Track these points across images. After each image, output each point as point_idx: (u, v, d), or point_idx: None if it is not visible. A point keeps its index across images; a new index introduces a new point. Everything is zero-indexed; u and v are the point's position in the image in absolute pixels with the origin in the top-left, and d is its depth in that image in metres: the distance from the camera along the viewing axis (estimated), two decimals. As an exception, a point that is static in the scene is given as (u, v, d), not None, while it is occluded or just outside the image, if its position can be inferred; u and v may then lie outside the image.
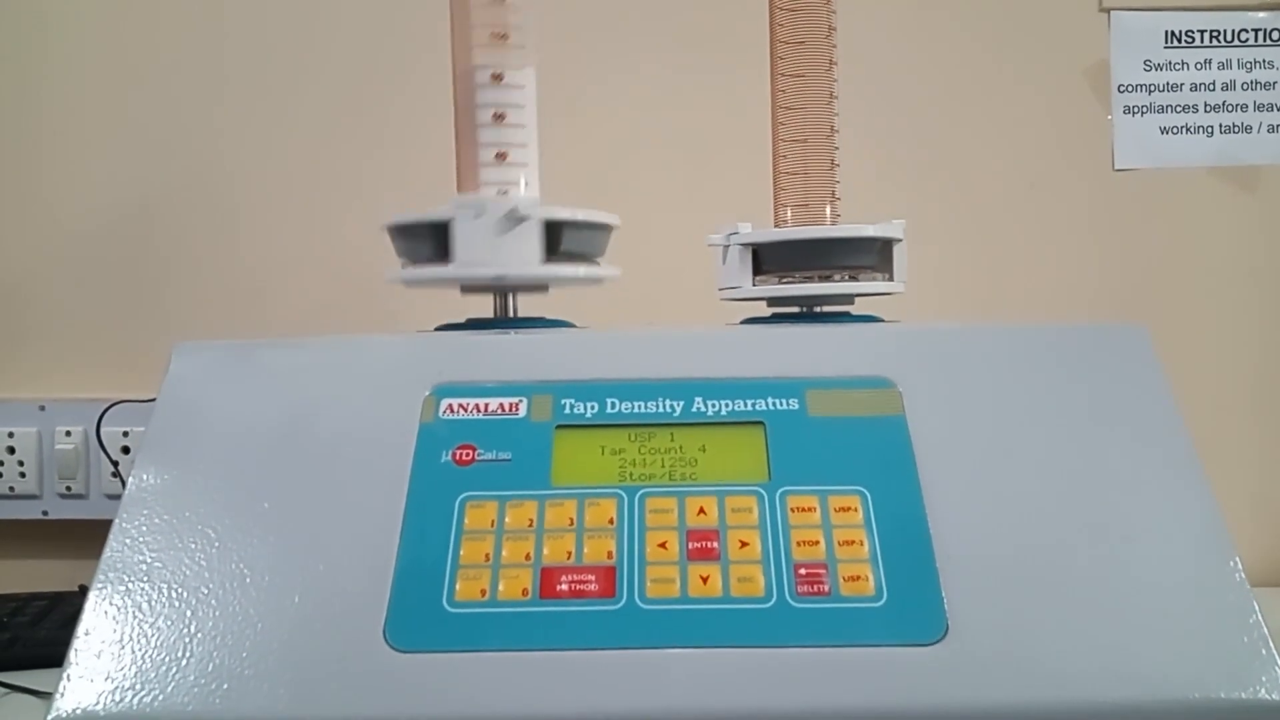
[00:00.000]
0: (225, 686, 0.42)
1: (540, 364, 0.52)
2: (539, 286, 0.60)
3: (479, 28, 0.58)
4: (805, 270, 0.60)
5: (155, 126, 0.91)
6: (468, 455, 0.48)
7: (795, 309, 0.62)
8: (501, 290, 0.59)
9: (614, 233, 0.59)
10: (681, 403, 0.50)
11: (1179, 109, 0.91)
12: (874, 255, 0.60)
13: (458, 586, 0.44)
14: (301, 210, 0.91)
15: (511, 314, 0.60)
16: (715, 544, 0.45)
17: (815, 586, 0.44)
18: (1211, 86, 0.91)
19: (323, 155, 0.91)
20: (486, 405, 0.50)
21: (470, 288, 0.59)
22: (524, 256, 0.55)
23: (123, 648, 0.43)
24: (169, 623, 0.44)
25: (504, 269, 0.55)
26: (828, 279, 0.60)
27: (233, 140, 0.91)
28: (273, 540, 0.46)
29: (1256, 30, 0.90)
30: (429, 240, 0.55)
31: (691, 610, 0.43)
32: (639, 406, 0.50)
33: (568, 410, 0.50)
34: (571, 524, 0.46)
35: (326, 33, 0.91)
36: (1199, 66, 0.91)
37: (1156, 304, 0.90)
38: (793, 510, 0.46)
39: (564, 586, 0.44)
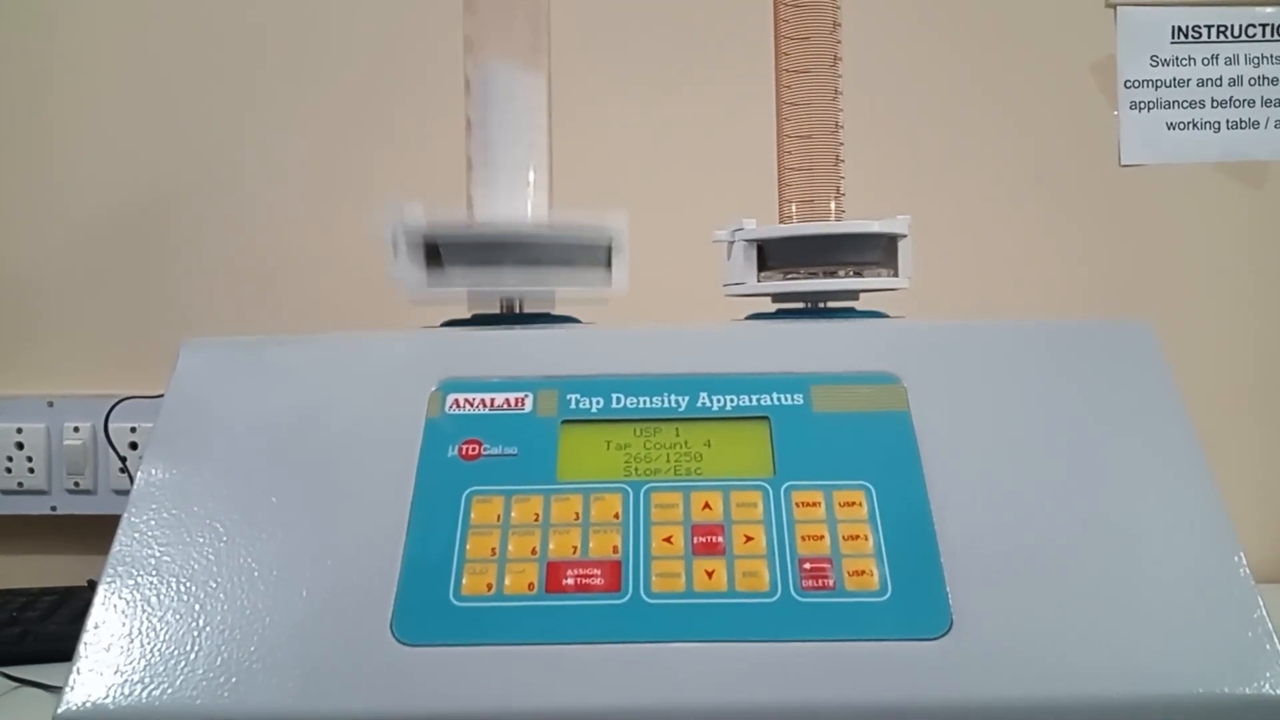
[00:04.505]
0: (233, 680, 0.42)
1: (546, 359, 0.52)
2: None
3: (492, 31, 0.59)
4: (810, 266, 0.60)
5: (164, 123, 0.92)
6: (474, 450, 0.48)
7: (800, 305, 0.63)
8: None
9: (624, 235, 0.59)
10: (687, 398, 0.50)
11: (1185, 105, 0.90)
12: (879, 251, 0.60)
13: (464, 581, 0.44)
14: (310, 207, 0.91)
15: (517, 310, 0.60)
16: (720, 539, 0.45)
17: (820, 581, 0.44)
18: (1218, 82, 0.90)
19: (331, 152, 0.91)
20: (492, 400, 0.50)
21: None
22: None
23: (131, 642, 0.43)
24: (177, 617, 0.44)
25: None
26: (832, 275, 0.60)
27: (242, 137, 0.92)
28: (280, 535, 0.46)
29: (1264, 25, 0.90)
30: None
31: (697, 605, 0.43)
32: (644, 402, 0.50)
33: (573, 405, 0.50)
34: (577, 519, 0.46)
35: (338, 30, 0.91)
36: (1206, 62, 0.90)
37: (1162, 300, 0.90)
38: (798, 505, 0.46)
39: (570, 581, 0.44)
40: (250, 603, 0.44)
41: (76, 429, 0.89)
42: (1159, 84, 0.90)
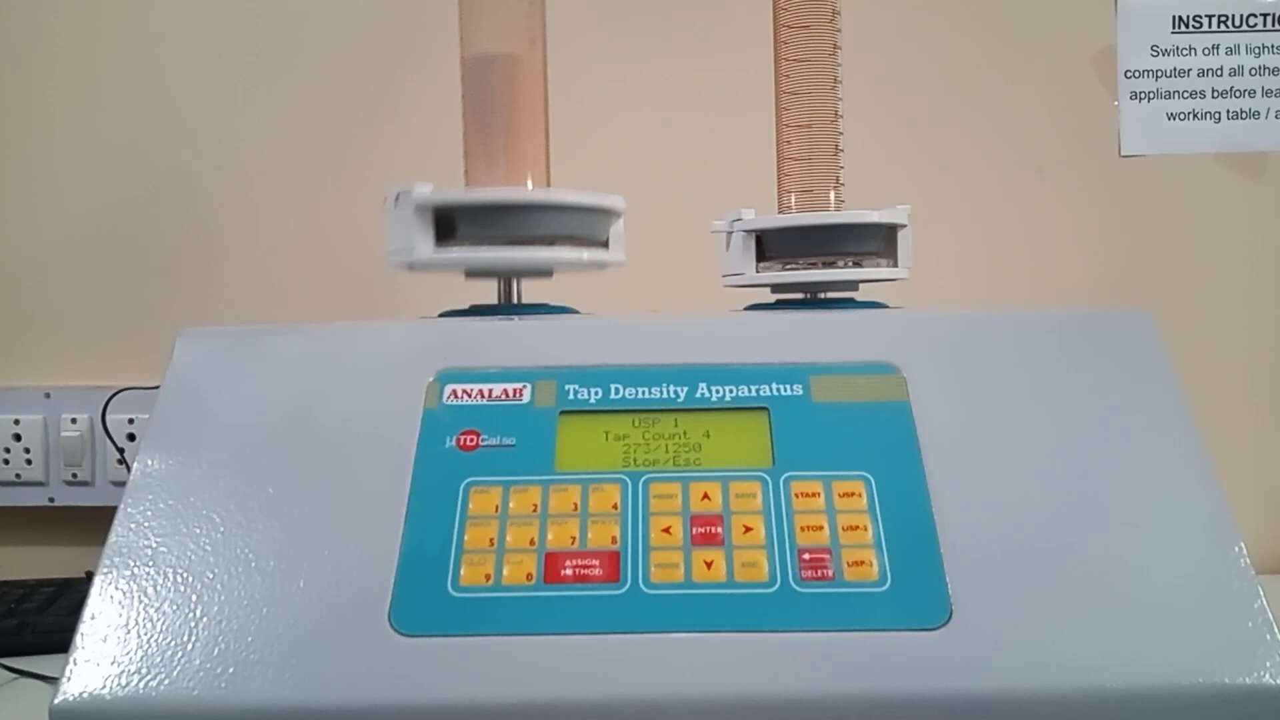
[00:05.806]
0: (230, 671, 0.42)
1: (544, 350, 0.52)
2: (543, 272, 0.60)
3: (486, 14, 0.58)
4: (809, 256, 0.60)
5: (161, 114, 0.91)
6: (472, 441, 0.48)
7: (799, 295, 0.62)
8: (506, 276, 0.59)
9: (620, 219, 0.59)
10: (685, 388, 0.50)
11: (1186, 95, 0.90)
12: (878, 241, 0.60)
13: (462, 571, 0.44)
14: (307, 198, 0.91)
15: (515, 300, 0.60)
16: (719, 529, 0.45)
17: (819, 571, 0.44)
18: (1219, 72, 0.90)
19: (328, 143, 0.91)
20: (490, 391, 0.50)
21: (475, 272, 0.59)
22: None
23: (128, 633, 0.43)
24: (174, 608, 0.44)
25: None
26: (832, 265, 0.60)
27: (239, 128, 0.91)
28: (278, 526, 0.46)
29: (1265, 15, 0.90)
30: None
31: (695, 595, 0.43)
32: (643, 392, 0.50)
33: (572, 396, 0.50)
34: (575, 509, 0.46)
35: (336, 20, 0.91)
36: (1206, 52, 0.90)
37: (1162, 290, 0.90)
38: (797, 496, 0.46)
39: (568, 571, 0.44)
40: (247, 593, 0.44)
41: (74, 420, 0.89)
42: (1159, 74, 0.90)
